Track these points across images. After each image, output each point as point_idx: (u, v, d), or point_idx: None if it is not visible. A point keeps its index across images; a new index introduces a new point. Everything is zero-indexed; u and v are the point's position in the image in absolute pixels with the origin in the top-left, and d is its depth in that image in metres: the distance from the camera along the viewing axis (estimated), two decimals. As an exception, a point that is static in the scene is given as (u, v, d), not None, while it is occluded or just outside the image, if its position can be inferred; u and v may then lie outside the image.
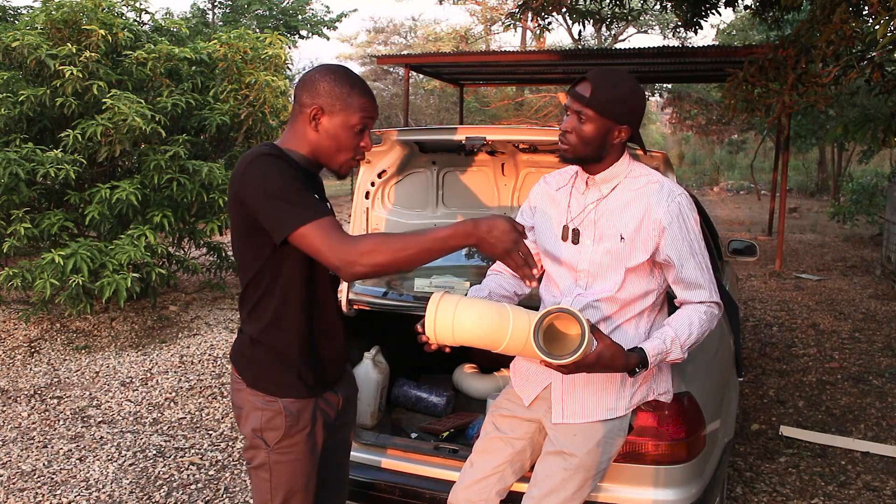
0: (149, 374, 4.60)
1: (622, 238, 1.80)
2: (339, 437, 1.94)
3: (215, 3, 15.39)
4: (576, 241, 1.86)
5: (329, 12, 16.81)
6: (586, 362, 1.64)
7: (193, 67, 5.95)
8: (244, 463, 1.83)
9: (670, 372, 1.94)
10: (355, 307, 2.75)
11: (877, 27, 4.03)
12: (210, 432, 3.76)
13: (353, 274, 1.53)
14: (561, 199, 1.93)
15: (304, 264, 1.69)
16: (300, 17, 15.91)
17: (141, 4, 6.07)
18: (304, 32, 16.11)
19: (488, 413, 2.08)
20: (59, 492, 3.15)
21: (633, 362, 1.70)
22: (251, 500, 3.08)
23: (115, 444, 3.62)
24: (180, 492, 3.15)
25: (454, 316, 1.62)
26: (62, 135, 5.10)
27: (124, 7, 5.98)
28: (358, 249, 1.52)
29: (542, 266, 2.02)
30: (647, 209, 1.78)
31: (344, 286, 2.69)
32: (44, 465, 3.40)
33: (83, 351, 5.06)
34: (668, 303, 1.94)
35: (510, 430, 1.98)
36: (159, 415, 3.99)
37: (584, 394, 1.86)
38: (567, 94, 1.83)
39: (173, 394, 4.29)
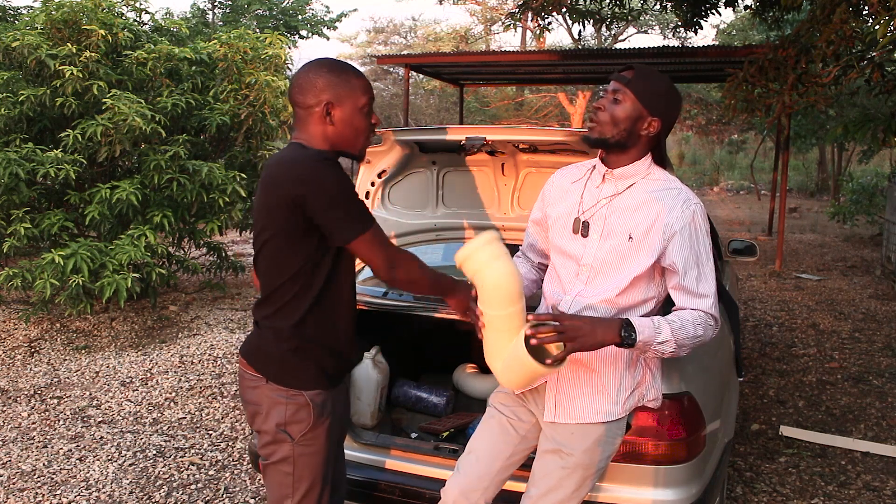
0: (149, 374, 4.60)
1: (630, 238, 1.79)
2: (342, 429, 1.98)
3: (215, 3, 15.38)
4: (585, 233, 1.86)
5: (329, 12, 16.80)
6: (577, 325, 1.63)
7: (193, 67, 5.95)
8: (264, 458, 1.84)
9: (660, 380, 1.94)
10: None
11: (877, 27, 4.03)
12: (210, 432, 3.76)
13: (393, 280, 1.76)
14: (574, 192, 1.93)
15: (335, 263, 1.76)
16: (300, 17, 15.90)
17: (141, 4, 6.07)
18: (304, 32, 16.10)
19: (490, 401, 2.08)
20: (59, 492, 3.15)
21: (616, 324, 1.65)
22: (251, 501, 3.08)
23: (115, 444, 3.62)
24: (180, 492, 3.15)
25: (492, 254, 1.72)
26: (62, 135, 5.10)
27: (124, 7, 5.98)
28: (405, 266, 1.77)
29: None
30: (660, 212, 1.77)
31: None
32: (44, 465, 3.40)
33: (83, 351, 5.06)
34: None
35: (512, 413, 1.97)
36: (159, 415, 3.99)
37: (578, 395, 1.85)
38: (610, 77, 1.85)
39: (173, 394, 4.29)
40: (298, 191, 1.63)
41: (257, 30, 13.39)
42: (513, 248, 2.17)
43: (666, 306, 1.91)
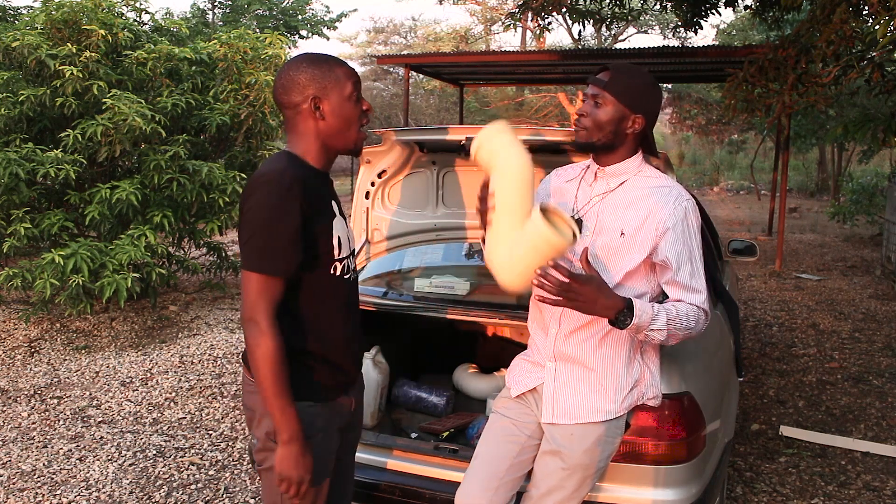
0: (149, 374, 4.60)
1: (622, 234, 1.80)
2: (349, 439, 1.94)
3: (215, 3, 15.39)
4: (578, 230, 1.86)
5: (329, 12, 16.84)
6: (582, 292, 1.64)
7: (193, 67, 5.95)
8: (257, 464, 1.81)
9: (659, 375, 1.94)
10: (355, 307, 2.75)
11: (877, 27, 4.03)
12: (210, 432, 3.76)
13: (244, 330, 1.64)
14: (569, 191, 1.94)
15: (324, 274, 1.70)
16: (300, 17, 15.92)
17: (141, 4, 6.07)
18: (304, 32, 16.13)
19: (492, 407, 2.07)
20: (59, 492, 3.15)
21: (618, 303, 1.67)
22: (251, 501, 3.08)
23: (115, 444, 3.62)
24: (180, 492, 3.15)
25: (507, 141, 1.70)
26: (62, 135, 5.10)
27: (124, 7, 5.98)
28: (256, 332, 1.59)
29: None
30: (652, 209, 1.78)
31: None
32: (44, 465, 3.40)
33: (83, 351, 5.06)
34: None
35: (514, 415, 1.97)
36: (159, 415, 4.00)
37: (576, 395, 1.85)
38: (588, 81, 1.85)
39: (173, 394, 4.29)
40: (241, 205, 1.65)
41: (257, 30, 13.39)
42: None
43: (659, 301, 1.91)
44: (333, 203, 1.75)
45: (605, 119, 1.79)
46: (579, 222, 1.87)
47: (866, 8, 4.30)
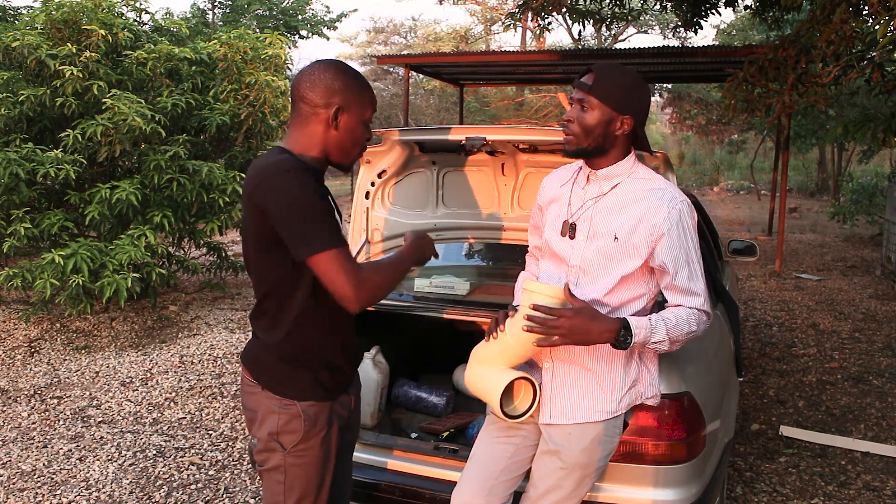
0: (149, 374, 4.60)
1: (616, 238, 1.78)
2: (348, 437, 1.95)
3: (215, 3, 15.39)
4: (572, 235, 1.86)
5: (329, 12, 16.84)
6: (572, 325, 1.65)
7: (193, 67, 5.95)
8: (258, 465, 1.82)
9: (658, 375, 1.94)
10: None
11: (877, 27, 4.03)
12: (210, 432, 3.76)
13: (361, 304, 1.63)
14: (563, 195, 1.93)
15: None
16: (300, 17, 15.93)
17: (141, 4, 6.07)
18: (304, 32, 16.13)
19: (488, 410, 2.07)
20: (59, 492, 3.15)
21: (614, 326, 1.67)
22: (251, 501, 3.08)
23: (115, 444, 3.62)
24: (180, 492, 3.15)
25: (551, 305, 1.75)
26: (62, 135, 5.10)
27: (124, 7, 5.98)
28: (367, 276, 1.63)
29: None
30: (645, 212, 1.76)
31: None
32: (44, 465, 3.40)
33: (83, 351, 5.06)
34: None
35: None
36: (159, 415, 4.00)
37: (574, 395, 1.85)
38: (573, 85, 1.83)
39: (173, 394, 4.29)
40: (261, 198, 1.60)
41: (257, 30, 13.39)
42: (514, 249, 2.17)
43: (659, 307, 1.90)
44: (329, 198, 1.76)
45: (593, 123, 1.77)
46: (573, 227, 1.86)
47: (866, 8, 4.30)
